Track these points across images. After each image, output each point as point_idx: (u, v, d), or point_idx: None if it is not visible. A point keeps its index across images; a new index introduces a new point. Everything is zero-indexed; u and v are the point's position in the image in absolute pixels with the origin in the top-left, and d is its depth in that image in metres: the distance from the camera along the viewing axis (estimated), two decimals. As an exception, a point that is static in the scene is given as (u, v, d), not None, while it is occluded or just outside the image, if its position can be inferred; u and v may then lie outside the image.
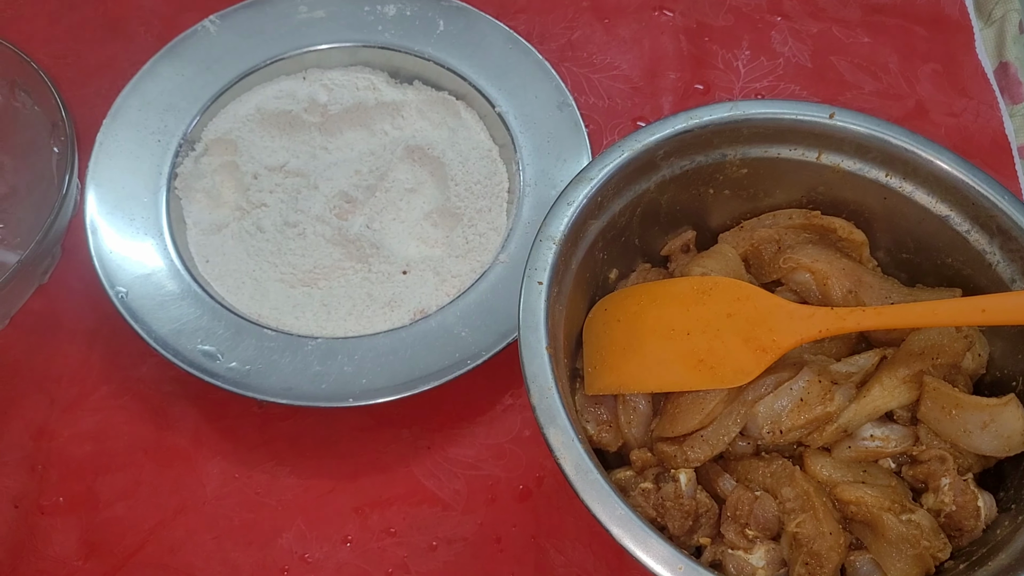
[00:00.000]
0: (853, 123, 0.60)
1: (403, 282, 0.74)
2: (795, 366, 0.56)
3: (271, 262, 0.74)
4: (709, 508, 0.55)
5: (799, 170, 0.62)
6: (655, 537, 0.47)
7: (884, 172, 0.60)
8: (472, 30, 0.83)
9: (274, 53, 0.82)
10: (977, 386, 0.60)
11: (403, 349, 0.69)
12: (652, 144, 0.59)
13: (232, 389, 0.66)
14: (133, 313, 0.69)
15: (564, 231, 0.56)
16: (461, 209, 0.76)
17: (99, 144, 0.76)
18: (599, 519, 0.48)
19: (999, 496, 0.55)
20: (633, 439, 0.58)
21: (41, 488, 0.68)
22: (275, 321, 0.72)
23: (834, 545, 0.51)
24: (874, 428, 0.56)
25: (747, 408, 0.55)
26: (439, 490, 0.68)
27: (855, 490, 0.53)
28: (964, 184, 0.58)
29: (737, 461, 0.57)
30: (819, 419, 0.55)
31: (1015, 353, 0.58)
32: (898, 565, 0.51)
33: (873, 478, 0.55)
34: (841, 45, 0.90)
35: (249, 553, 0.66)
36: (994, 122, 0.85)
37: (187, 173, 0.77)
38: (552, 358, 0.52)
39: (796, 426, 0.55)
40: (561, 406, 0.51)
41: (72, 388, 0.72)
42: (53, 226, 0.69)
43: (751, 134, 0.61)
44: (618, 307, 0.60)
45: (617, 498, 0.48)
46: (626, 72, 0.88)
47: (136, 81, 0.79)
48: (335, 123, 0.81)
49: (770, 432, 0.55)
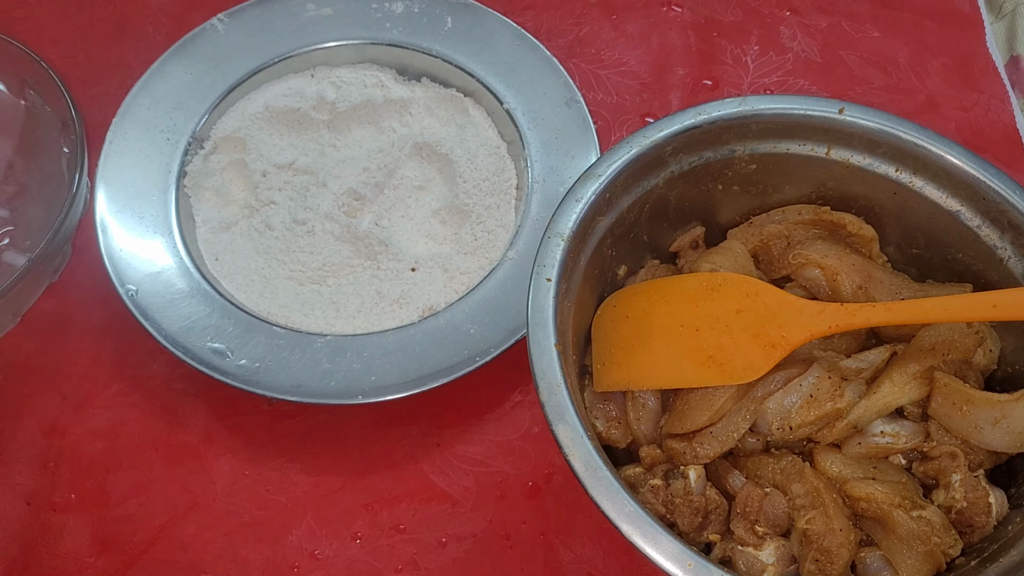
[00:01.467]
0: (863, 118, 0.59)
1: (412, 279, 0.74)
2: (805, 362, 0.56)
3: (280, 260, 0.75)
4: (719, 505, 0.55)
5: (808, 165, 0.62)
6: (665, 534, 0.47)
7: (894, 167, 0.60)
8: (480, 27, 0.83)
9: (282, 51, 0.82)
10: (988, 382, 0.59)
11: (412, 346, 0.69)
12: (660, 140, 0.59)
13: (241, 387, 0.66)
14: (143, 311, 0.69)
15: (572, 228, 0.56)
16: (469, 206, 0.76)
17: (108, 143, 0.76)
18: (608, 516, 0.48)
19: (1010, 492, 0.55)
20: (642, 436, 0.57)
21: (53, 485, 0.69)
22: (284, 319, 0.72)
23: (844, 541, 0.51)
24: (884, 424, 0.56)
25: (757, 404, 0.55)
26: (448, 487, 0.68)
27: (865, 486, 0.53)
28: (975, 179, 0.57)
29: (746, 458, 0.57)
30: (829, 415, 0.55)
31: (1027, 348, 0.58)
32: (908, 562, 0.51)
33: (883, 474, 0.54)
34: (851, 39, 0.89)
35: (259, 550, 0.66)
36: (1005, 116, 0.85)
37: (196, 171, 0.78)
38: (561, 355, 0.52)
39: (806, 422, 0.55)
40: (570, 403, 0.51)
41: (83, 386, 0.73)
42: (63, 225, 0.69)
43: (760, 130, 0.61)
44: (627, 304, 0.60)
45: (626, 495, 0.48)
46: (634, 68, 0.88)
47: (145, 80, 0.80)
48: (343, 120, 0.81)
49: (780, 428, 0.55)
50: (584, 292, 0.59)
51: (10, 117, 0.77)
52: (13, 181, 0.77)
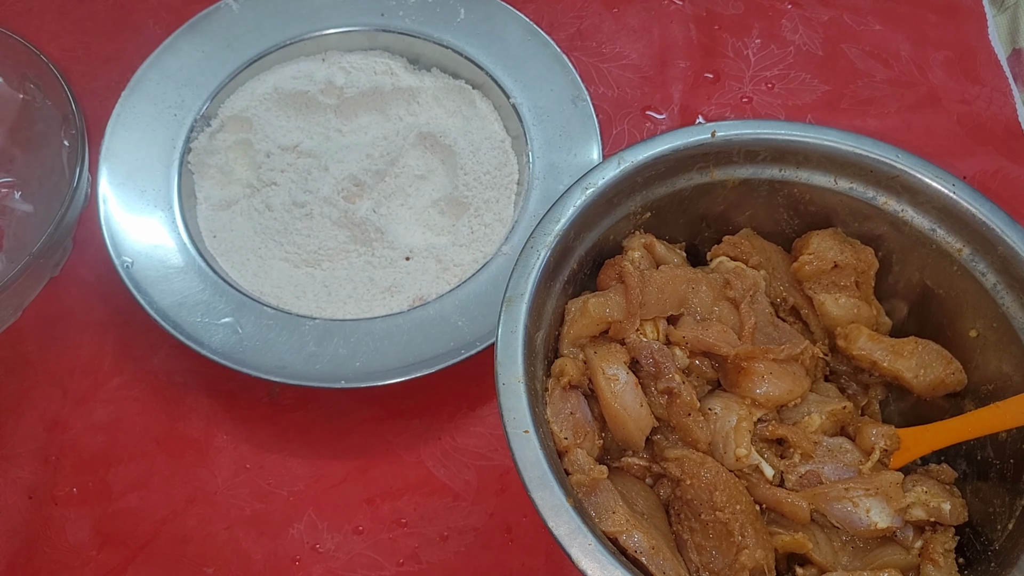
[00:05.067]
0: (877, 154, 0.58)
1: (405, 268, 0.74)
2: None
3: (277, 241, 0.75)
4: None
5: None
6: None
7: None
8: (492, 20, 0.83)
9: (294, 33, 0.82)
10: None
11: (399, 335, 0.69)
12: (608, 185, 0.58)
13: (226, 363, 0.66)
14: (137, 284, 0.69)
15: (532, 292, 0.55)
16: (469, 198, 0.76)
17: (116, 116, 0.77)
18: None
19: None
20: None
21: (55, 479, 0.69)
22: (276, 299, 0.72)
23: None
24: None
25: None
26: (450, 480, 0.68)
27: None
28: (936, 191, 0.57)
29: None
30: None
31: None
32: None
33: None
34: (852, 32, 0.89)
35: (261, 543, 0.66)
36: (1007, 109, 0.85)
37: (201, 149, 0.78)
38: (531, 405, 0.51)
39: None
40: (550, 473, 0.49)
41: (84, 380, 0.73)
42: (64, 219, 0.69)
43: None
44: None
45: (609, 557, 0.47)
46: (635, 61, 0.88)
47: (156, 56, 0.80)
48: (350, 106, 0.81)
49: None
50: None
51: (3, 106, 0.77)
52: (14, 175, 0.77)
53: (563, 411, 0.54)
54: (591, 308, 0.56)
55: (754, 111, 0.85)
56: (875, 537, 0.54)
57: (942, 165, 0.58)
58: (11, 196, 0.75)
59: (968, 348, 0.58)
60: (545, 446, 0.50)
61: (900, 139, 0.80)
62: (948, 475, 0.56)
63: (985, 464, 0.56)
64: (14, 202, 0.75)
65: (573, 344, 0.57)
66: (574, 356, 0.56)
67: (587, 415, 0.55)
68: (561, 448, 0.53)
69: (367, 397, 0.71)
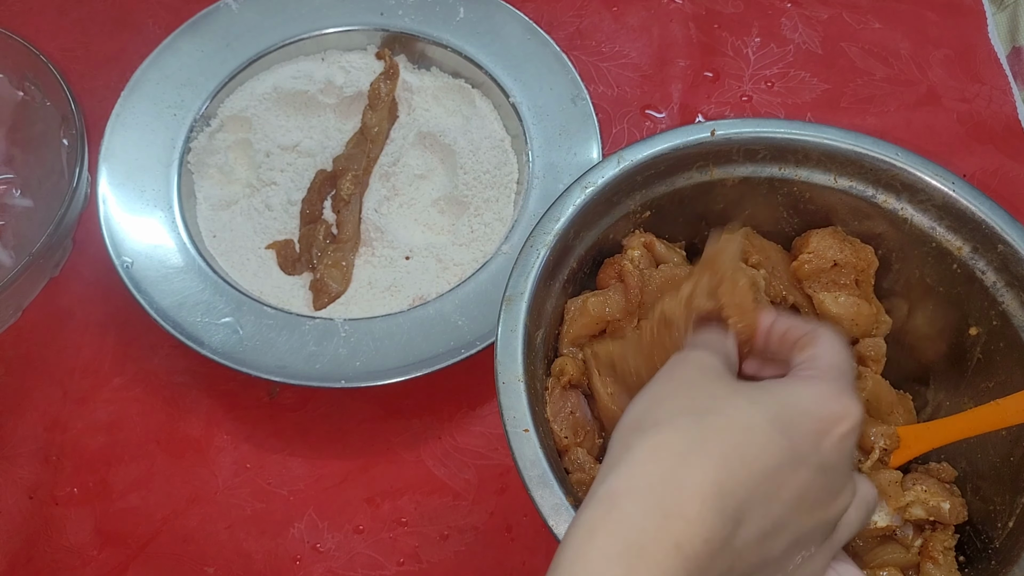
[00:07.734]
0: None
1: (405, 268, 0.74)
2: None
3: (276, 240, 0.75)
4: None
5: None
6: None
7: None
8: (491, 19, 0.83)
9: (294, 33, 0.82)
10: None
11: (399, 334, 0.69)
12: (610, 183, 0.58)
13: (225, 363, 0.66)
14: (137, 284, 0.69)
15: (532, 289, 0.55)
16: (468, 198, 0.76)
17: (115, 116, 0.76)
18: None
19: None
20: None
21: (55, 479, 0.69)
22: (275, 299, 0.72)
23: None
24: None
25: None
26: (450, 480, 0.68)
27: None
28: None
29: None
30: None
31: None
32: None
33: None
34: (852, 31, 0.89)
35: (261, 543, 0.67)
36: (1007, 107, 0.85)
37: (201, 148, 0.78)
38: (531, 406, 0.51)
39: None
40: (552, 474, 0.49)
41: (85, 380, 0.73)
42: (64, 219, 0.69)
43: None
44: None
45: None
46: (635, 60, 0.88)
47: (156, 55, 0.80)
48: (350, 105, 0.81)
49: None
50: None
51: (2, 106, 0.77)
52: (13, 175, 0.77)
53: (563, 410, 0.54)
54: (591, 307, 0.56)
55: (754, 110, 0.85)
56: (874, 536, 0.54)
57: (942, 163, 0.57)
58: (10, 192, 0.75)
59: (968, 346, 0.58)
60: (545, 445, 0.50)
61: (900, 137, 0.81)
62: (948, 473, 0.56)
63: (985, 462, 0.56)
64: (14, 199, 0.75)
65: (573, 343, 0.57)
66: (574, 355, 0.56)
67: (587, 414, 0.55)
68: (561, 447, 0.53)
69: (367, 397, 0.71)
